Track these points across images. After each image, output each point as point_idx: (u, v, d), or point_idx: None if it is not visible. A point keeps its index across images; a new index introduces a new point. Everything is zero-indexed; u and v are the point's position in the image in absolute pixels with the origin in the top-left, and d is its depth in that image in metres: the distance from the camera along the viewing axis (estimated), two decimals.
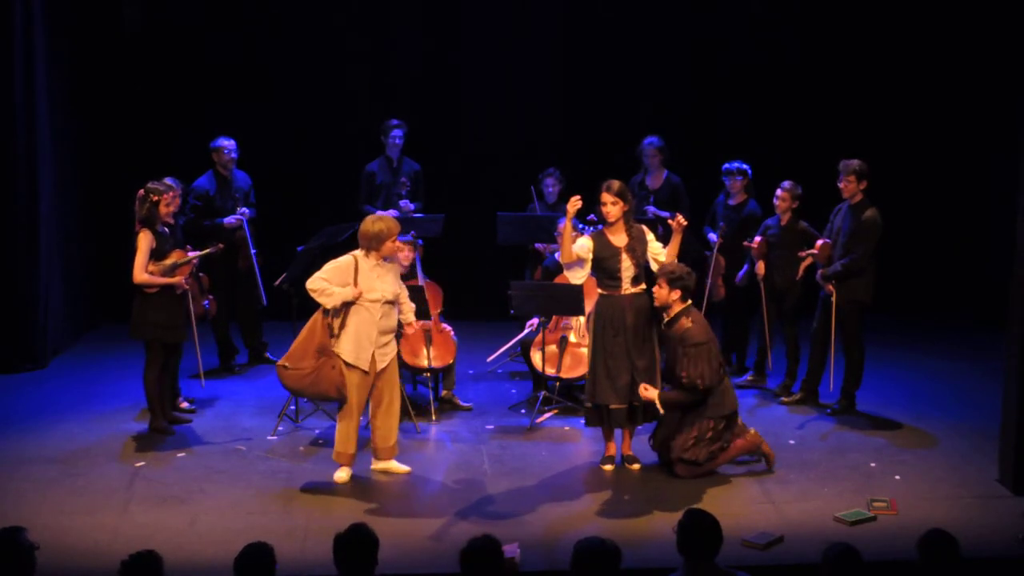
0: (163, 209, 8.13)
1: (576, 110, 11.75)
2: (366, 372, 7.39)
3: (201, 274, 8.84)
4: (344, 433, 7.47)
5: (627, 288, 7.57)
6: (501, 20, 11.56)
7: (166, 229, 8.27)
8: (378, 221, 7.44)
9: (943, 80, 11.69)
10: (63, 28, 10.59)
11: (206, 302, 8.88)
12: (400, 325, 7.72)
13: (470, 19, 11.55)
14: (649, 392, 7.45)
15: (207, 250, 8.53)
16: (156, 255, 8.09)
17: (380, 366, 7.43)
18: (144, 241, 8.05)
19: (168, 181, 8.62)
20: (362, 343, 7.37)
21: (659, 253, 7.64)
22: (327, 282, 7.33)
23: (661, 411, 7.47)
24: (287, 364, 7.36)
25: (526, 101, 11.66)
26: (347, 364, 7.35)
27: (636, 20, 11.62)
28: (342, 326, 7.36)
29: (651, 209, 9.89)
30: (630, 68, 11.69)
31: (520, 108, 11.66)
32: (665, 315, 7.53)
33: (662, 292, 7.47)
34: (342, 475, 7.50)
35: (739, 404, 7.73)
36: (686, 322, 7.45)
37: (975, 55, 11.56)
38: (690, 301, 7.54)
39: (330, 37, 11.51)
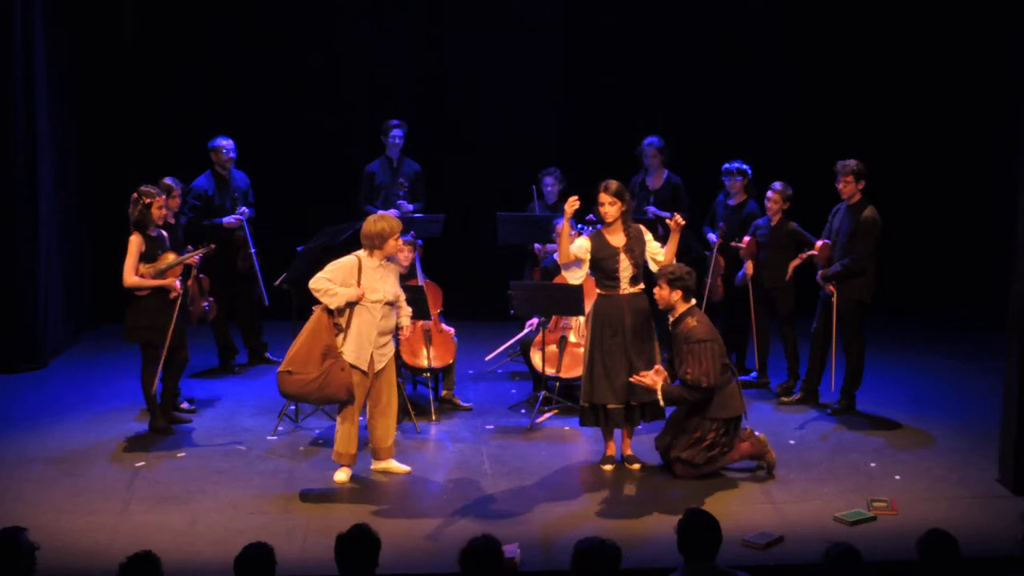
0: (155, 212, 8.09)
1: (576, 110, 11.75)
2: (365, 372, 7.39)
3: (201, 276, 8.82)
4: (345, 434, 7.46)
5: (625, 288, 7.57)
6: (502, 19, 11.56)
7: (163, 232, 8.26)
8: (380, 220, 7.44)
9: (944, 79, 11.69)
10: (63, 28, 10.59)
11: (206, 304, 8.86)
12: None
13: (471, 18, 11.54)
14: (648, 379, 7.38)
15: (198, 251, 8.50)
16: (147, 258, 8.08)
17: (378, 367, 7.43)
18: (134, 244, 8.04)
19: (167, 181, 8.62)
20: (363, 344, 7.37)
21: (657, 253, 7.64)
22: (330, 282, 7.32)
23: (662, 403, 7.44)
24: (291, 369, 7.25)
25: (526, 101, 11.65)
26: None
27: (636, 20, 11.62)
28: (347, 325, 7.36)
29: (651, 209, 9.89)
30: (631, 68, 11.69)
31: (520, 108, 11.65)
32: (670, 316, 7.52)
33: (663, 292, 7.45)
34: (342, 476, 7.50)
35: (745, 409, 7.68)
36: (691, 321, 7.42)
37: (976, 54, 11.56)
38: (693, 301, 7.52)
39: (330, 37, 11.51)
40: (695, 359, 7.33)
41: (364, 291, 7.33)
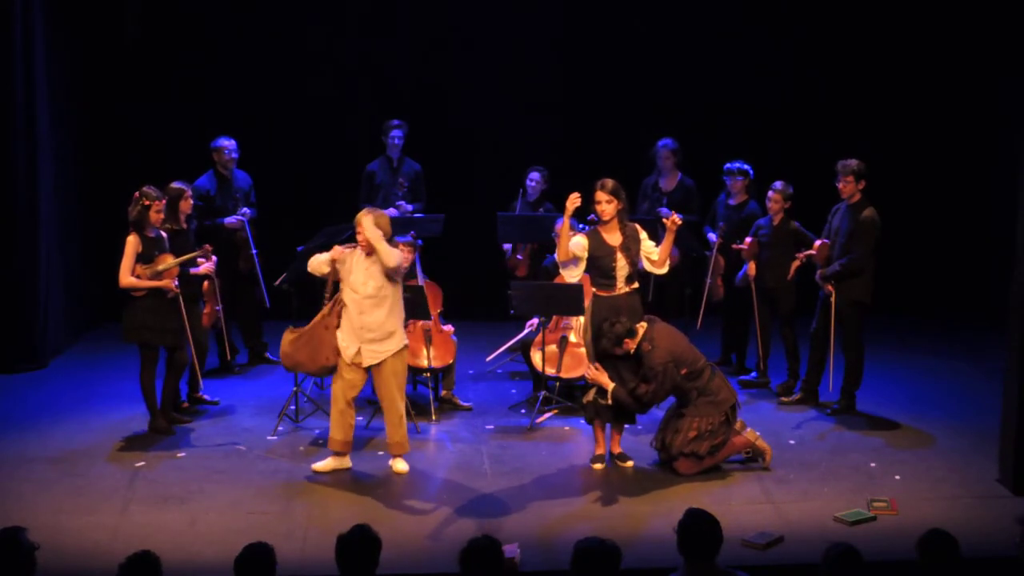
0: (153, 215, 8.08)
1: (577, 110, 11.75)
2: (350, 364, 7.48)
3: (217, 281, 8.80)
4: (332, 417, 7.60)
5: (621, 287, 7.58)
6: (503, 19, 11.55)
7: (162, 233, 8.25)
8: (362, 214, 7.48)
9: (944, 80, 11.69)
10: (63, 29, 10.59)
11: (218, 308, 8.87)
12: (400, 326, 7.67)
13: (471, 18, 11.54)
14: (601, 378, 7.48)
15: (195, 254, 8.46)
16: (144, 259, 8.07)
17: (368, 363, 7.47)
18: (130, 245, 8.04)
19: (178, 185, 8.57)
20: (347, 334, 7.46)
21: (651, 252, 7.66)
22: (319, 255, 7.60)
23: (609, 401, 7.51)
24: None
25: (527, 101, 11.64)
26: None
27: (637, 19, 11.62)
28: (339, 316, 7.53)
29: (664, 211, 9.85)
30: (631, 68, 11.69)
31: (520, 108, 11.64)
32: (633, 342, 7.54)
33: (625, 349, 7.48)
34: (321, 464, 7.60)
35: (737, 396, 7.77)
36: (646, 345, 7.48)
37: (976, 54, 11.56)
38: (643, 324, 7.53)
39: (330, 37, 11.51)
40: (648, 383, 7.44)
41: (342, 251, 7.48)
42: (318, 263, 7.61)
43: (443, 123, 11.62)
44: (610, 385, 7.48)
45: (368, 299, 7.42)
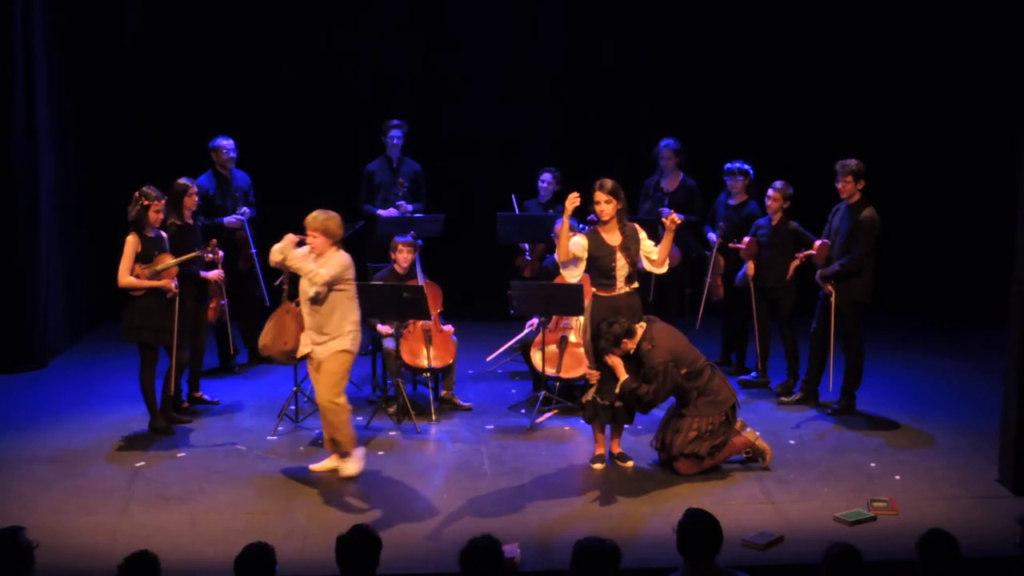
0: (152, 215, 8.08)
1: (577, 110, 11.75)
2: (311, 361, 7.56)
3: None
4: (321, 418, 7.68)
5: (621, 287, 7.58)
6: (503, 19, 11.56)
7: (163, 233, 8.25)
8: (309, 221, 7.53)
9: (944, 80, 11.69)
10: (63, 29, 10.59)
11: (223, 302, 8.87)
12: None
13: (471, 18, 11.55)
14: (618, 366, 7.47)
15: (195, 254, 8.45)
16: (143, 258, 8.07)
17: (315, 359, 7.49)
18: (129, 245, 8.04)
19: (183, 181, 8.57)
20: (305, 331, 7.52)
21: (651, 251, 7.66)
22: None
23: (616, 391, 7.51)
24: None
25: (527, 101, 11.65)
26: None
27: (636, 20, 11.62)
28: None
29: (665, 211, 9.85)
30: (632, 68, 11.69)
31: (520, 108, 11.65)
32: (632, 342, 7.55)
33: (625, 348, 7.49)
34: (318, 464, 7.62)
35: (737, 395, 7.78)
36: (646, 345, 7.49)
37: (975, 54, 11.56)
38: (642, 324, 7.54)
39: (330, 37, 11.52)
40: (649, 383, 7.45)
41: (293, 239, 7.49)
42: (272, 252, 7.54)
43: (443, 123, 11.62)
44: (624, 375, 7.47)
45: (309, 301, 7.46)
